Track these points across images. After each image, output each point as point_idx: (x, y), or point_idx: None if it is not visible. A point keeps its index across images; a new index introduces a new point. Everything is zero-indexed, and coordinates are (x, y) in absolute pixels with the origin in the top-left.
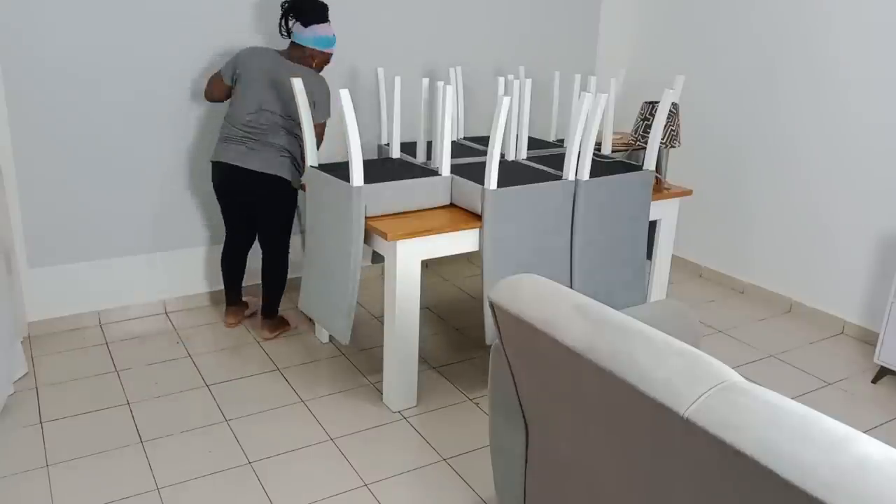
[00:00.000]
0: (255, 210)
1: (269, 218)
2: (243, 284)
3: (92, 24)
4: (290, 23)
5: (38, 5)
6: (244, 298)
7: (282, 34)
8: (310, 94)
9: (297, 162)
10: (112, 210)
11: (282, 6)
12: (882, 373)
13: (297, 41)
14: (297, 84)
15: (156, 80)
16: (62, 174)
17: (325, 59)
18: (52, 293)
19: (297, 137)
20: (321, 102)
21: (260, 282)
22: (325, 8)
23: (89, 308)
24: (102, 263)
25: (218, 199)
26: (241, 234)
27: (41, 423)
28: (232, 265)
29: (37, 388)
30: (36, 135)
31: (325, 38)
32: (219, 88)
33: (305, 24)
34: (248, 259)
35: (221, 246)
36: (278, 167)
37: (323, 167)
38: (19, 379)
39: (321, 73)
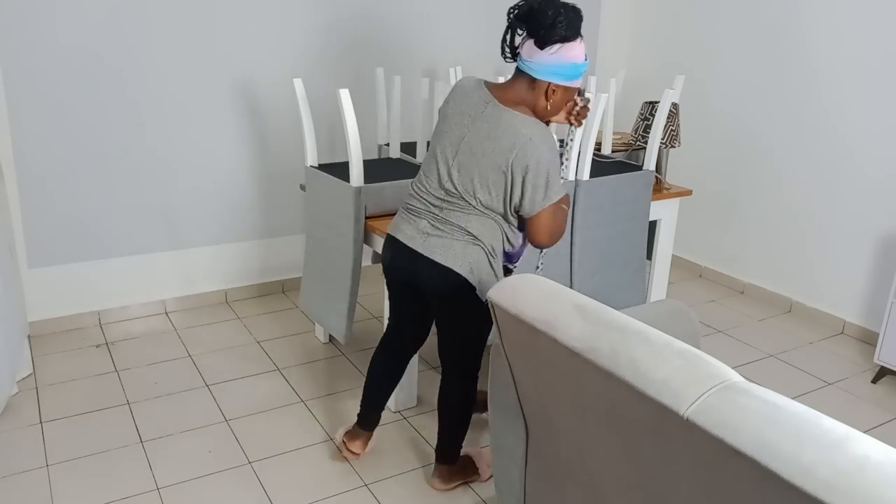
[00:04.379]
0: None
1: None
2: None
3: (92, 23)
4: (518, 40)
5: (39, 4)
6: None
7: (505, 56)
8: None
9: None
10: (112, 210)
11: (509, 15)
12: (882, 373)
13: (526, 70)
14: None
15: (155, 80)
16: (62, 174)
17: (566, 98)
18: (52, 293)
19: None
20: (538, 178)
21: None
22: (578, 17)
23: (89, 308)
24: (102, 263)
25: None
26: (410, 333)
27: (41, 423)
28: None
29: (37, 388)
30: (36, 134)
31: (570, 66)
32: None
33: (542, 45)
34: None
35: (221, 246)
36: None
37: (323, 167)
38: (22, 379)
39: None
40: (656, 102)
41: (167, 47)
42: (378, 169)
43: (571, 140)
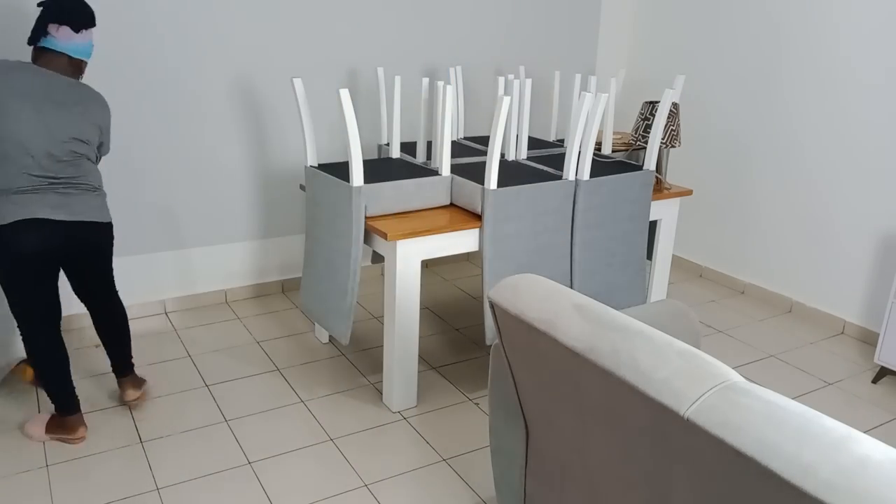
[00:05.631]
0: (87, 266)
1: (107, 268)
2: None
3: None
4: (52, 28)
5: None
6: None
7: (36, 42)
8: (106, 119)
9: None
10: (111, 210)
11: (41, 5)
12: (882, 373)
13: (60, 49)
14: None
15: (155, 80)
16: None
17: (83, 70)
18: None
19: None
20: (109, 128)
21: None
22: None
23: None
24: None
25: (28, 269)
26: (55, 305)
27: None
28: (63, 352)
29: (37, 388)
30: None
31: (91, 46)
32: None
33: (77, 30)
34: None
35: (221, 246)
36: (107, 212)
37: (322, 167)
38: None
39: None
40: (656, 102)
41: (167, 47)
42: (378, 169)
43: None
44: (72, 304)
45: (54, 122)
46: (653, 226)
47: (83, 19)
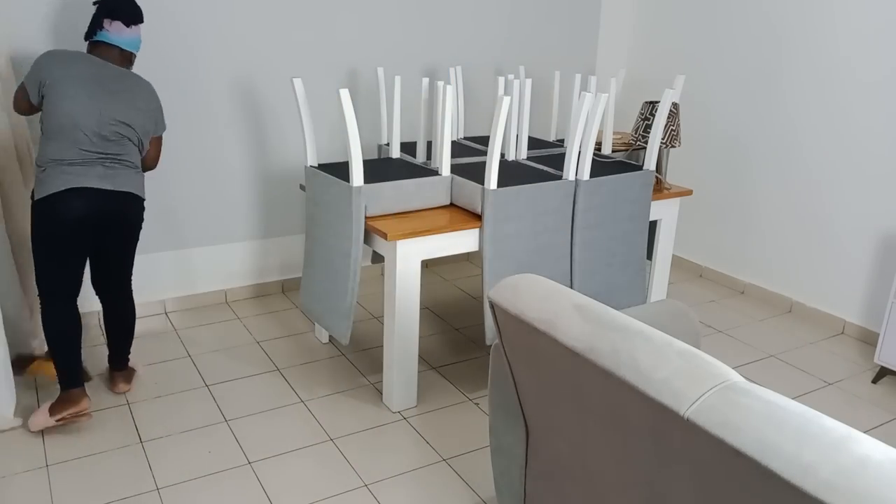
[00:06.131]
0: (116, 241)
1: (130, 249)
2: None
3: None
4: (105, 23)
5: (37, 4)
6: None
7: (92, 36)
8: (156, 105)
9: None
10: None
11: (96, 3)
12: (882, 373)
13: (113, 42)
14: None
15: (155, 80)
16: None
17: (132, 61)
18: None
19: (141, 152)
20: (161, 113)
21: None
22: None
23: (89, 308)
24: None
25: (66, 236)
26: (77, 283)
27: None
28: (77, 326)
29: (37, 388)
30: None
31: (140, 40)
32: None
33: (128, 24)
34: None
35: (221, 246)
36: (143, 189)
37: (323, 167)
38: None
39: None
40: (656, 102)
41: (167, 47)
42: (378, 169)
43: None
44: (83, 304)
45: (105, 107)
46: (653, 226)
47: (133, 15)
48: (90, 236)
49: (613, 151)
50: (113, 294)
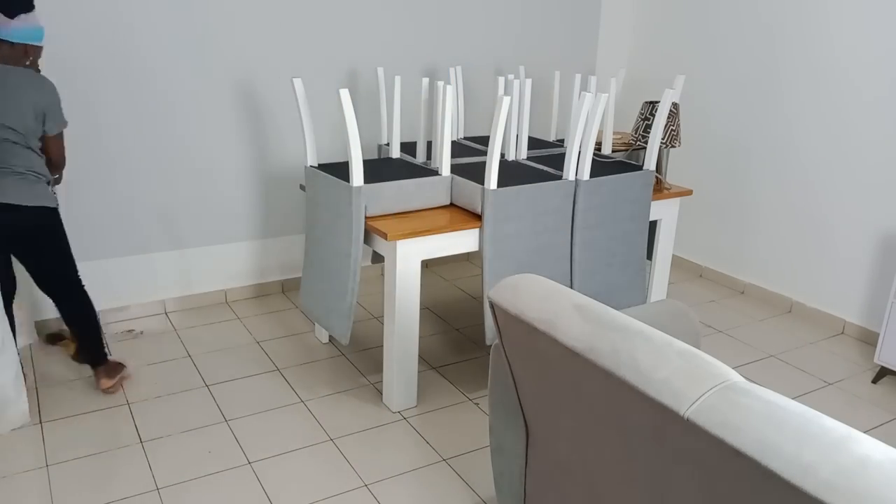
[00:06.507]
0: (30, 254)
1: (54, 259)
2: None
3: (91, 22)
4: None
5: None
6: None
7: None
8: (46, 102)
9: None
10: (111, 210)
11: None
12: (882, 373)
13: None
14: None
15: (155, 80)
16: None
17: (39, 55)
18: None
19: (38, 154)
20: (56, 109)
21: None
22: None
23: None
24: (102, 263)
25: None
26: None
27: (41, 423)
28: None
29: (37, 387)
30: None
31: (37, 30)
32: None
33: (11, 15)
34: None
35: (220, 246)
36: (42, 196)
37: (322, 167)
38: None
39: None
40: (656, 102)
41: (167, 47)
42: (378, 169)
43: None
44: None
45: None
46: (653, 226)
47: (16, 4)
48: None
49: (613, 151)
50: (61, 297)
